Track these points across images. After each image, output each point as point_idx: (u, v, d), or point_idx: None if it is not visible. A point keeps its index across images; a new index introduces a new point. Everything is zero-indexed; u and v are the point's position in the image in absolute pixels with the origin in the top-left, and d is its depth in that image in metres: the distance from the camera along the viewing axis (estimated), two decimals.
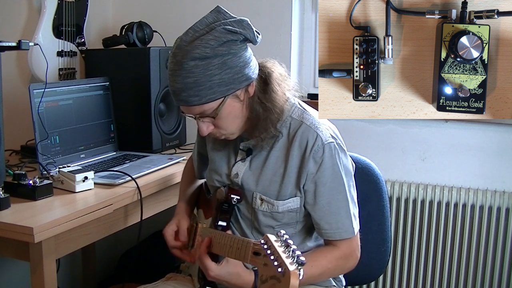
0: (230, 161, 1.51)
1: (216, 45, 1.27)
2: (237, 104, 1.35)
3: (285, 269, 0.95)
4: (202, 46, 1.27)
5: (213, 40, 1.27)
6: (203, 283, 1.47)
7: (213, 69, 1.28)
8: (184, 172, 1.82)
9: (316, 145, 1.38)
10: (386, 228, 1.72)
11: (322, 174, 1.39)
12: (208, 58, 1.27)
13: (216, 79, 1.29)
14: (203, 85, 1.28)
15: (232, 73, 1.30)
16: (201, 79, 1.28)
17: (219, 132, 1.39)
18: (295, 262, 0.96)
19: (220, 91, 1.30)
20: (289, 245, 1.00)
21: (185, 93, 1.30)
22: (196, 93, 1.29)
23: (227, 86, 1.31)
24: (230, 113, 1.35)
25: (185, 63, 1.28)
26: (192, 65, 1.27)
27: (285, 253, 0.98)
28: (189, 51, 1.28)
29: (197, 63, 1.27)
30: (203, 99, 1.30)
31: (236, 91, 1.33)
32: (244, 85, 1.34)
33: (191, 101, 1.31)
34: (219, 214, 1.47)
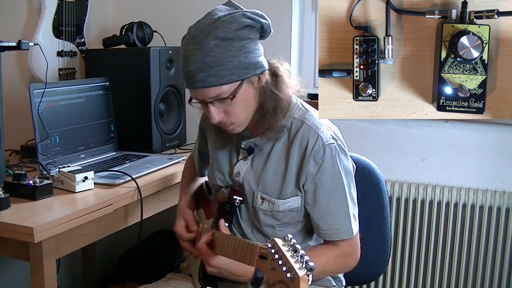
0: (232, 160, 1.51)
1: (237, 27, 1.29)
2: (251, 91, 1.36)
3: (295, 274, 0.94)
4: (224, 27, 1.29)
5: (235, 23, 1.29)
6: (204, 283, 1.47)
7: (233, 51, 1.29)
8: (184, 170, 1.83)
9: (316, 146, 1.38)
10: (386, 228, 1.72)
11: (322, 175, 1.39)
12: (230, 39, 1.29)
13: (235, 61, 1.30)
14: (223, 65, 1.29)
15: (249, 57, 1.32)
16: (222, 59, 1.29)
17: (229, 120, 1.38)
18: (304, 267, 0.95)
19: (238, 73, 1.31)
20: (297, 250, 0.99)
21: (204, 73, 1.30)
22: (215, 73, 1.29)
23: (245, 69, 1.32)
24: (244, 99, 1.35)
25: (206, 42, 1.29)
26: (213, 44, 1.28)
27: (293, 258, 0.97)
28: (211, 31, 1.29)
29: (219, 43, 1.28)
30: (222, 79, 1.30)
31: (252, 76, 1.34)
32: (259, 71, 1.35)
33: (210, 81, 1.30)
34: (221, 215, 1.47)
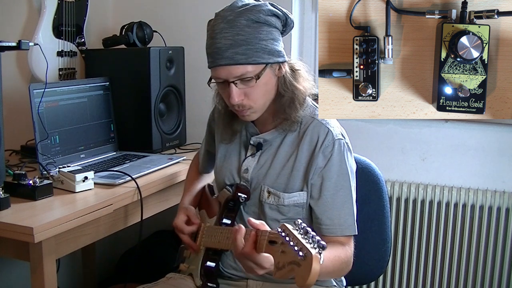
0: (241, 157, 1.53)
1: (268, 14, 1.36)
2: (273, 78, 1.42)
3: (306, 252, 0.94)
4: (256, 11, 1.35)
5: (264, 9, 1.36)
6: (205, 279, 1.47)
7: (262, 34, 1.35)
8: (189, 169, 1.83)
9: (326, 140, 1.41)
10: (386, 228, 1.72)
11: (329, 168, 1.41)
12: (260, 23, 1.35)
13: (263, 44, 1.35)
14: (253, 45, 1.34)
15: (274, 44, 1.38)
16: (252, 39, 1.34)
17: (248, 103, 1.39)
18: (316, 246, 0.95)
19: (264, 57, 1.36)
20: (308, 232, 0.99)
21: (233, 50, 1.33)
22: (244, 51, 1.34)
23: (270, 54, 1.37)
24: (266, 84, 1.40)
25: (238, 21, 1.34)
26: (244, 24, 1.34)
27: (304, 239, 0.97)
28: (243, 12, 1.35)
29: (250, 24, 1.34)
30: (250, 59, 1.34)
31: (275, 63, 1.40)
32: (281, 60, 1.41)
33: (238, 59, 1.34)
34: (225, 212, 1.48)
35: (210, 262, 1.49)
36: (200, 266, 1.51)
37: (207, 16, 1.47)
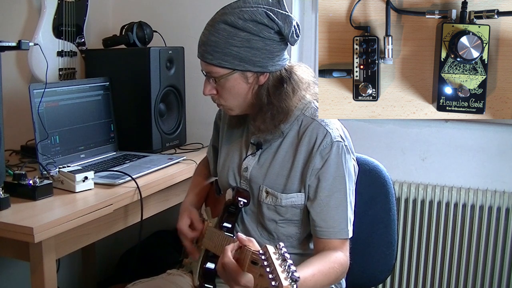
0: (242, 155, 1.53)
1: (249, 19, 1.36)
2: (243, 84, 1.42)
3: (279, 283, 0.95)
4: (237, 16, 1.36)
5: (249, 15, 1.36)
6: (203, 280, 1.48)
7: (235, 40, 1.36)
8: (196, 170, 1.82)
9: (324, 142, 1.41)
10: (392, 231, 1.66)
11: (326, 170, 1.40)
12: (236, 28, 1.36)
13: (233, 50, 1.37)
14: (221, 49, 1.37)
15: (251, 53, 1.38)
16: (221, 43, 1.37)
17: (218, 100, 1.47)
18: (289, 277, 0.96)
19: (232, 62, 1.38)
20: (286, 259, 0.99)
21: (204, 48, 1.40)
22: (211, 52, 1.39)
23: (241, 62, 1.38)
24: (233, 87, 1.42)
25: (217, 22, 1.38)
26: (220, 27, 1.37)
27: (281, 267, 0.98)
28: (226, 14, 1.38)
29: (226, 27, 1.37)
30: (214, 61, 1.39)
31: (247, 71, 1.39)
32: (257, 70, 1.40)
33: (205, 57, 1.40)
34: (225, 215, 1.48)
35: (210, 264, 1.49)
36: (199, 266, 1.51)
37: (207, 16, 1.47)
